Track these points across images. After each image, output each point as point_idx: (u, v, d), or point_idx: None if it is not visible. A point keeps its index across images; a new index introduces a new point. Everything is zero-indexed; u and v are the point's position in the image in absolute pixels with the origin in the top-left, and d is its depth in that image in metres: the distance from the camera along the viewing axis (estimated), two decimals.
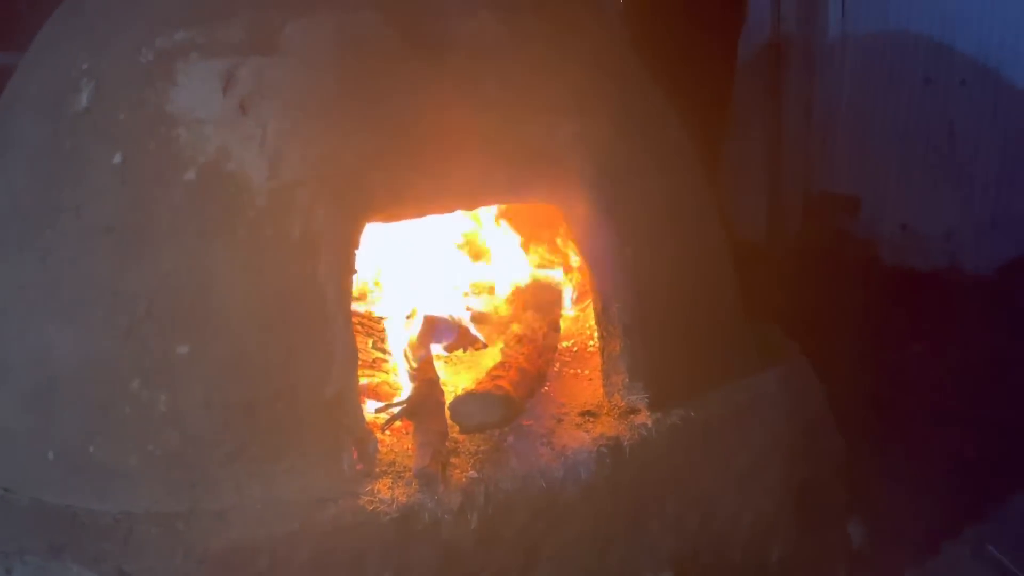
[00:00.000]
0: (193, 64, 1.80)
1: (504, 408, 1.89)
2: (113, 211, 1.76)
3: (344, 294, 1.74)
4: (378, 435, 1.83)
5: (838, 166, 5.16)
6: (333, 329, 1.72)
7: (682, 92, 2.47)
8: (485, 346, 2.31)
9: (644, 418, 1.96)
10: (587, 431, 1.94)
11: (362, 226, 1.77)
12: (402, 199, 1.81)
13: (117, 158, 1.77)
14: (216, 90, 1.77)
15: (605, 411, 2.01)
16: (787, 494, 2.16)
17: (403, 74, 1.87)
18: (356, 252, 1.76)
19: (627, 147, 2.02)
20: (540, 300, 2.40)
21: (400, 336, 2.06)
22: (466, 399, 1.89)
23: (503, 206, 2.35)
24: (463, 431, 1.89)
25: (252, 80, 1.78)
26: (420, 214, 1.87)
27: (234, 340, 1.69)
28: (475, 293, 2.43)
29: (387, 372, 2.05)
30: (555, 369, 2.27)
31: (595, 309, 2.02)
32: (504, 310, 2.41)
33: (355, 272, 1.77)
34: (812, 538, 2.22)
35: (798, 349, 2.40)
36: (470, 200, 1.94)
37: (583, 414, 2.01)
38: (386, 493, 1.72)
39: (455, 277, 2.34)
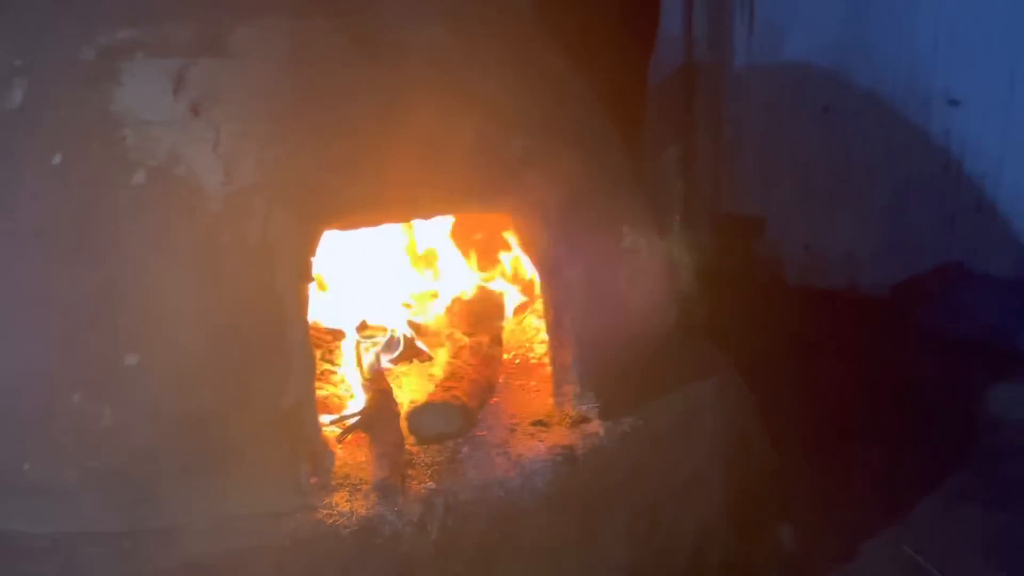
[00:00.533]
0: (139, 63, 1.74)
1: (462, 418, 1.88)
2: (52, 214, 1.67)
3: (302, 303, 1.71)
4: (333, 448, 1.79)
5: (745, 189, 5.39)
6: (291, 338, 1.68)
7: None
8: (430, 358, 2.29)
9: (596, 427, 1.99)
10: (541, 440, 1.95)
11: (320, 233, 1.74)
12: (361, 207, 1.79)
13: (57, 159, 1.68)
14: (166, 91, 1.72)
15: (556, 420, 2.03)
16: (725, 500, 2.22)
17: (357, 82, 1.86)
18: (313, 260, 1.73)
19: (576, 164, 2.06)
20: (482, 312, 2.41)
21: (351, 348, 2.03)
22: (424, 410, 1.87)
23: (450, 217, 2.35)
24: (420, 442, 1.87)
25: (203, 82, 1.73)
26: (378, 222, 1.86)
27: (187, 350, 1.63)
28: (416, 305, 2.42)
29: (335, 384, 2.01)
30: (501, 381, 2.27)
31: (547, 320, 2.04)
32: (445, 322, 2.40)
33: (312, 280, 1.73)
34: (747, 542, 2.30)
35: (729, 361, 2.48)
36: (428, 210, 1.94)
37: (535, 424, 2.02)
38: (344, 506, 1.69)
39: (397, 288, 2.32)
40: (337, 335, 2.09)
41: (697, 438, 2.16)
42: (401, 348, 2.19)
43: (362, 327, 2.11)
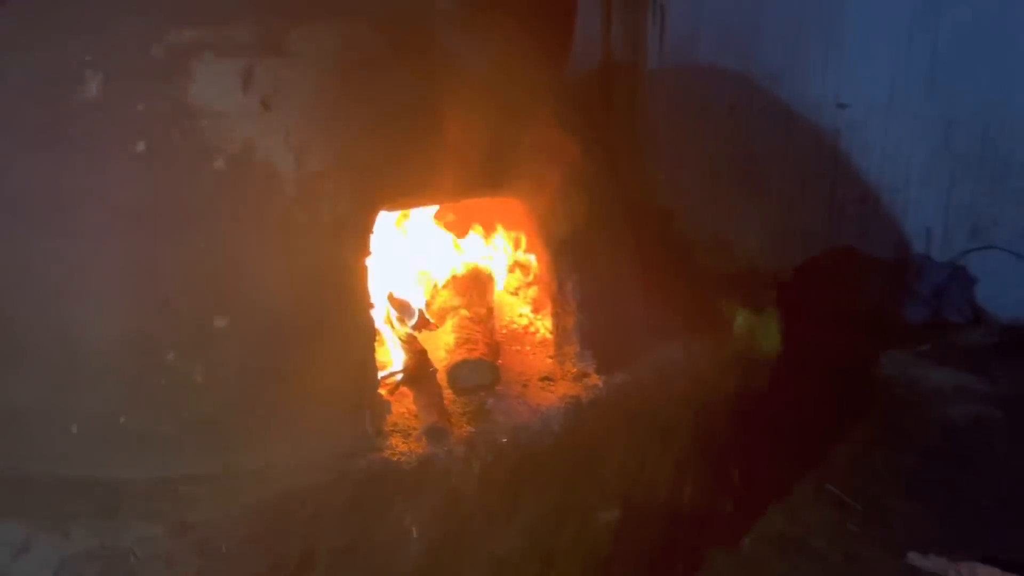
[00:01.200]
0: (209, 61, 1.94)
1: (492, 372, 2.19)
2: (139, 196, 1.86)
3: (363, 273, 1.96)
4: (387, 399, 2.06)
5: (658, 183, 5.86)
6: (355, 304, 1.94)
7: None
8: (435, 327, 2.57)
9: (595, 380, 2.33)
10: (552, 392, 2.28)
11: (376, 213, 2.00)
12: (408, 191, 2.06)
13: (140, 146, 1.87)
14: (236, 87, 1.93)
15: (560, 376, 2.36)
16: (694, 444, 2.62)
17: (395, 81, 2.12)
18: (371, 236, 1.99)
19: (573, 149, 2.39)
20: (477, 286, 2.71)
21: (383, 316, 2.29)
22: (462, 365, 2.17)
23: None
24: (458, 393, 2.16)
25: (269, 79, 1.96)
26: (419, 204, 2.14)
27: (269, 314, 1.86)
28: (418, 281, 2.69)
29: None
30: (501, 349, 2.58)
31: (551, 290, 2.37)
32: (444, 296, 2.69)
33: (370, 254, 1.99)
34: (708, 480, 2.70)
35: (686, 329, 2.88)
36: (457, 194, 2.22)
37: (543, 379, 2.35)
38: (402, 447, 1.96)
39: (410, 265, 2.59)
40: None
41: (672, 390, 2.53)
42: (416, 317, 2.46)
43: (390, 298, 2.37)
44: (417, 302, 2.52)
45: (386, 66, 2.12)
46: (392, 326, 2.27)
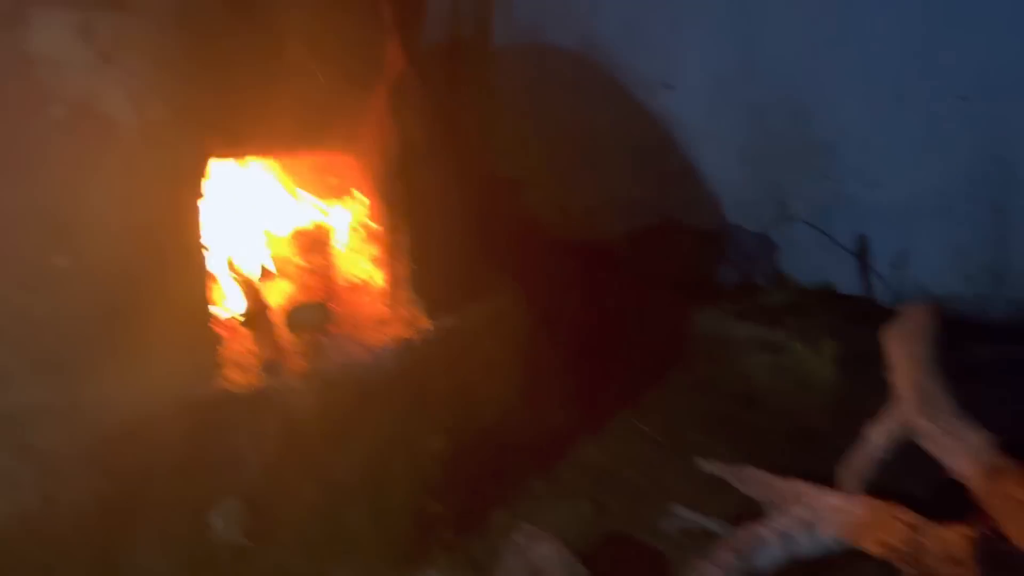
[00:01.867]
0: (48, 12, 2.02)
1: (326, 314, 2.39)
2: None
3: (198, 216, 2.11)
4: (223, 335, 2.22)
5: (503, 154, 6.13)
6: (191, 245, 2.09)
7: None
8: (276, 278, 2.73)
9: (426, 323, 2.57)
10: (384, 333, 2.50)
11: (208, 160, 2.14)
12: (241, 141, 2.22)
13: None
14: (75, 38, 2.02)
15: (393, 320, 2.59)
16: (517, 384, 2.91)
17: (233, 39, 2.26)
18: (205, 183, 2.13)
19: (408, 114, 2.61)
20: (318, 241, 2.88)
21: (223, 261, 2.43)
22: (297, 307, 2.35)
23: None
24: (295, 333, 2.34)
25: (109, 32, 2.05)
26: (255, 155, 2.29)
27: (109, 254, 1.98)
28: (261, 233, 2.84)
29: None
30: (338, 297, 2.77)
31: (384, 240, 2.59)
32: (285, 249, 2.85)
33: (203, 198, 2.13)
34: (530, 416, 3.01)
35: (515, 284, 3.17)
36: (291, 147, 2.39)
37: (377, 323, 2.56)
38: (240, 379, 2.14)
39: (251, 218, 2.73)
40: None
41: (498, 335, 2.82)
42: (257, 266, 2.61)
43: (232, 246, 2.51)
44: (259, 252, 2.67)
45: (224, 24, 2.25)
46: (232, 272, 2.41)
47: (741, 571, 2.24)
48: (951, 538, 1.95)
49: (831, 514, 2.27)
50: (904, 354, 2.69)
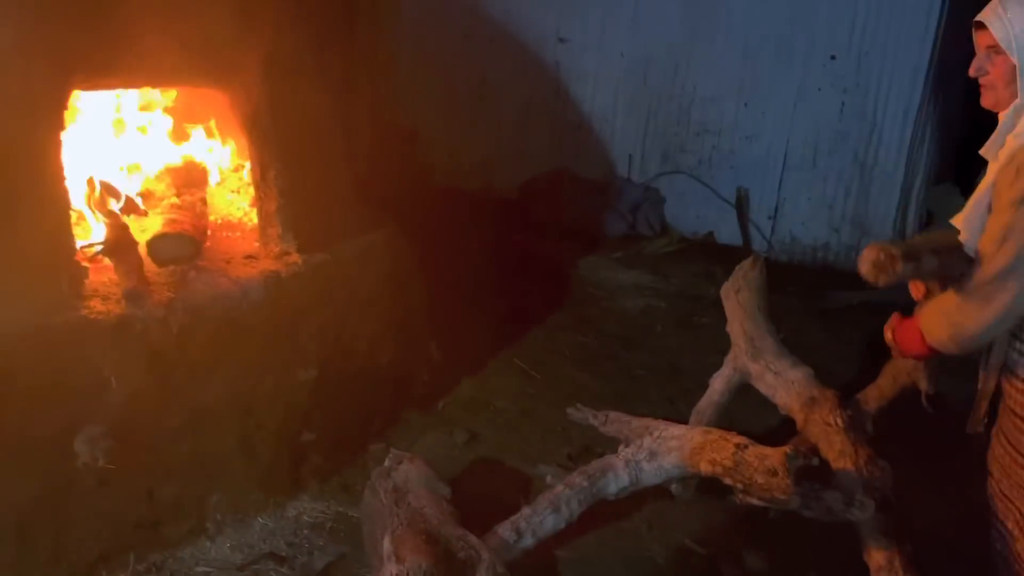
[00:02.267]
0: None
1: (192, 246, 2.41)
2: None
3: (58, 148, 2.10)
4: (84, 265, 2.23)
5: (400, 103, 6.14)
6: (51, 175, 2.08)
7: None
8: (146, 214, 2.73)
9: (295, 258, 2.62)
10: (253, 267, 2.55)
11: (70, 92, 2.14)
12: (103, 72, 2.21)
13: None
14: None
15: (263, 255, 2.63)
16: (392, 319, 3.00)
17: None
18: (65, 113, 2.12)
19: (282, 50, 2.62)
20: (190, 178, 2.89)
21: (83, 193, 2.42)
22: (161, 238, 2.37)
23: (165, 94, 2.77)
24: (158, 264, 2.37)
25: None
26: (118, 87, 2.28)
27: None
28: (130, 170, 2.82)
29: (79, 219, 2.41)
30: (209, 233, 2.79)
31: (254, 177, 2.61)
32: (155, 185, 2.85)
33: (64, 129, 2.13)
34: (407, 352, 3.11)
35: (394, 221, 3.24)
36: (155, 80, 2.39)
37: (247, 257, 2.60)
38: (102, 308, 2.16)
39: (118, 153, 2.71)
40: None
41: (371, 271, 2.89)
42: (122, 200, 2.60)
43: (92, 181, 2.50)
44: (126, 187, 2.66)
45: None
46: (94, 206, 2.41)
47: (591, 494, 2.40)
48: (770, 454, 2.14)
49: (672, 442, 2.44)
50: (735, 305, 2.90)
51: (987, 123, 1.87)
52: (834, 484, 2.16)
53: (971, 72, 1.84)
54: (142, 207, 2.73)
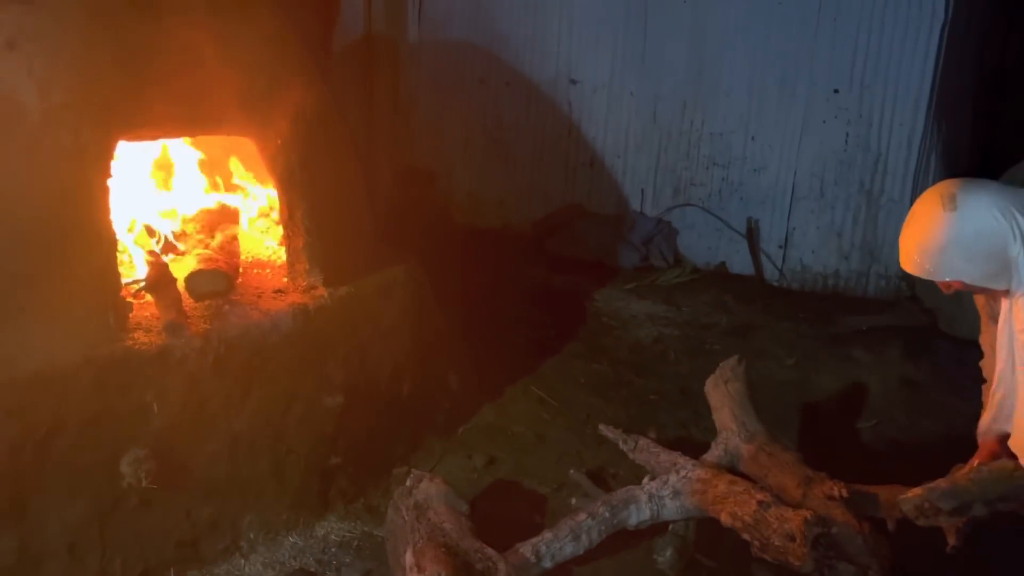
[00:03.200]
0: None
1: (226, 282, 2.59)
2: None
3: (105, 193, 2.31)
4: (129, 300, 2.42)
5: (418, 146, 6.38)
6: (100, 218, 2.28)
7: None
8: (183, 252, 2.93)
9: (321, 292, 2.80)
10: (282, 300, 2.73)
11: (116, 142, 2.34)
12: (144, 124, 2.42)
13: None
14: None
15: (291, 289, 2.81)
16: (413, 349, 3.16)
17: (134, 29, 2.46)
18: (113, 162, 2.33)
19: (308, 101, 2.83)
20: (223, 219, 3.09)
21: (132, 235, 2.62)
22: (198, 274, 2.55)
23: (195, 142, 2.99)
24: (195, 298, 2.55)
25: (14, 23, 2.24)
26: (158, 137, 2.49)
27: (16, 224, 2.16)
28: (168, 214, 3.03)
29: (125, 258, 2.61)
30: (241, 270, 2.98)
31: (283, 217, 2.80)
32: (191, 226, 3.05)
33: (111, 177, 2.33)
34: (427, 380, 3.26)
35: (415, 258, 3.41)
36: (191, 130, 2.59)
37: (276, 292, 2.78)
38: (145, 339, 2.34)
39: (158, 196, 2.92)
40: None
41: (393, 304, 3.06)
42: (161, 239, 2.80)
43: (138, 221, 2.70)
44: (164, 227, 2.86)
45: (127, 18, 2.45)
46: (138, 245, 2.61)
47: (611, 524, 2.52)
48: (790, 517, 2.25)
49: (697, 484, 2.56)
50: (723, 394, 3.02)
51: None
52: (844, 555, 2.26)
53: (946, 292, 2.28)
54: (179, 246, 2.93)
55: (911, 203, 5.01)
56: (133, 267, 2.62)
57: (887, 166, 5.14)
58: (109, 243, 2.31)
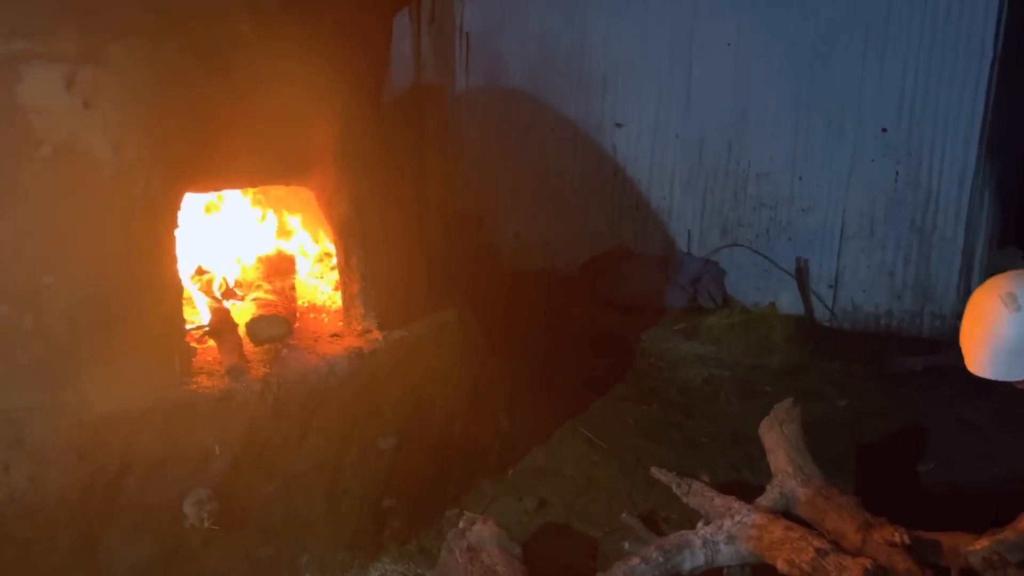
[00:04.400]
0: (37, 67, 2.34)
1: (285, 327, 2.68)
2: None
3: (172, 243, 2.41)
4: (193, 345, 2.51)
5: (466, 191, 6.50)
6: (167, 267, 2.39)
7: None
8: (241, 299, 3.03)
9: (376, 335, 2.87)
10: (338, 344, 2.80)
11: (183, 194, 2.46)
12: (209, 177, 2.53)
13: None
14: (60, 88, 2.33)
15: (347, 333, 2.88)
16: (464, 391, 3.20)
17: (201, 87, 2.58)
18: (179, 213, 2.44)
19: (363, 150, 2.93)
20: (281, 266, 3.19)
21: (195, 281, 2.73)
22: (259, 320, 2.64)
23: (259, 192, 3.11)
24: (256, 343, 2.63)
25: (89, 83, 2.37)
26: (220, 188, 2.60)
27: (92, 273, 2.28)
28: (229, 261, 3.14)
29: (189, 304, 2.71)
30: (298, 315, 3.07)
31: (339, 263, 2.89)
32: (250, 273, 3.15)
33: (178, 227, 2.44)
34: (478, 422, 3.29)
35: (465, 300, 3.47)
36: (255, 181, 2.71)
37: (332, 336, 2.86)
38: (208, 383, 2.42)
39: (219, 244, 3.03)
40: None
41: (444, 346, 3.11)
42: (223, 286, 2.91)
43: (199, 270, 2.81)
44: (225, 274, 2.97)
45: (193, 77, 2.57)
46: (201, 291, 2.71)
47: (665, 570, 2.49)
48: (849, 566, 2.20)
49: (752, 531, 2.53)
50: (778, 436, 2.99)
51: None
52: None
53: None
54: (240, 293, 3.03)
55: (964, 240, 5.03)
56: (196, 312, 2.72)
57: (939, 204, 5.08)
58: (175, 291, 2.41)
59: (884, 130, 5.13)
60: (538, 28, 6.03)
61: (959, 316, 5.03)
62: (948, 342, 5.08)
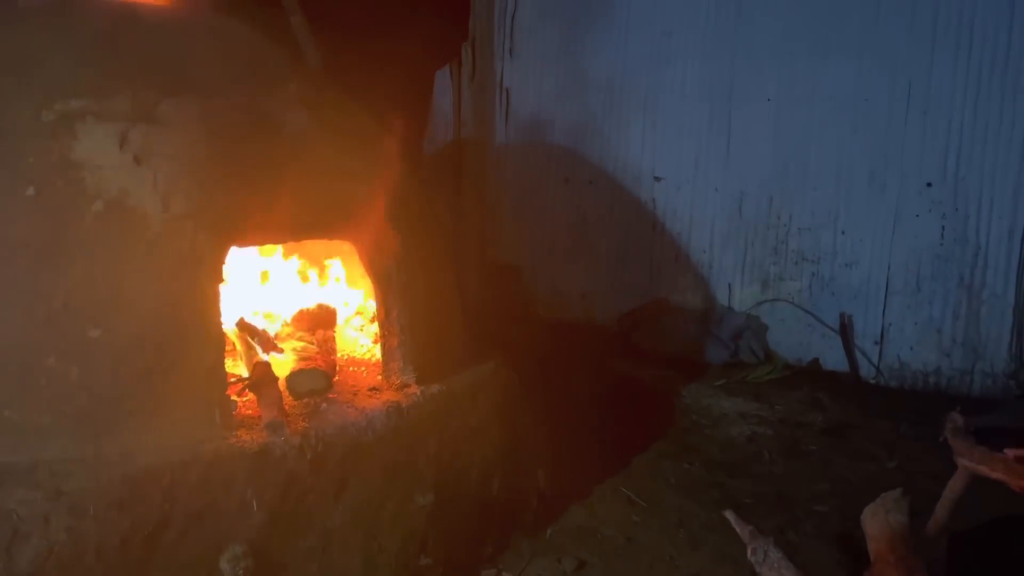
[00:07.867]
0: (91, 125, 2.41)
1: (324, 380, 2.68)
2: (29, 231, 2.29)
3: (216, 297, 2.44)
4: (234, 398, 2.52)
5: (504, 243, 6.53)
6: (211, 320, 2.41)
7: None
8: (282, 351, 3.04)
9: (414, 390, 2.85)
10: (377, 398, 2.79)
11: (228, 248, 2.49)
12: (254, 231, 2.56)
13: (30, 191, 2.31)
14: (113, 145, 2.40)
15: (386, 387, 2.87)
16: (502, 447, 3.16)
17: (249, 144, 2.64)
18: (224, 267, 2.47)
19: (404, 204, 2.96)
20: (321, 319, 3.21)
21: (236, 335, 2.75)
22: (298, 373, 2.65)
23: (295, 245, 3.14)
24: (296, 397, 2.63)
25: (141, 140, 2.44)
26: (264, 243, 2.63)
27: (137, 325, 2.30)
28: (269, 314, 3.17)
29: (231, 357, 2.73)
30: (339, 368, 3.07)
31: (379, 316, 2.89)
32: (290, 327, 3.17)
33: (223, 281, 2.47)
34: (515, 479, 3.24)
35: (502, 355, 3.46)
36: (297, 236, 2.74)
37: (371, 389, 2.85)
38: (247, 437, 2.42)
39: (260, 298, 3.06)
40: None
41: (482, 401, 3.08)
42: (263, 339, 2.92)
43: (241, 323, 2.84)
44: (266, 327, 2.99)
45: (241, 134, 2.63)
46: (243, 344, 2.73)
47: None
48: None
49: None
50: (881, 525, 2.84)
51: None
52: None
53: None
54: (280, 346, 3.04)
55: (1016, 298, 4.89)
56: (237, 365, 2.74)
57: (987, 260, 4.98)
58: (218, 344, 2.43)
59: (929, 184, 5.07)
60: (578, 83, 6.10)
61: (1011, 375, 4.92)
62: (1002, 402, 4.94)
